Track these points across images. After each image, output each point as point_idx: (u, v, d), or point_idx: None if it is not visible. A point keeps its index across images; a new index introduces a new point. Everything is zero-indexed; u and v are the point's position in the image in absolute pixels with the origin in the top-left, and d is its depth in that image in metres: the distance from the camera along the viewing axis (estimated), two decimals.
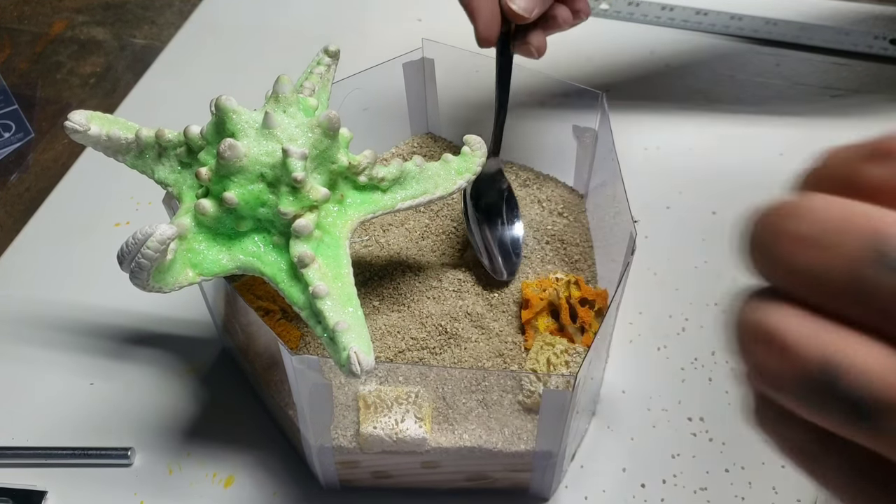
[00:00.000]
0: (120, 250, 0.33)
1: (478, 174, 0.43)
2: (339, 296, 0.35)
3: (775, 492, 0.46)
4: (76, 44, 0.77)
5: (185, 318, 0.54)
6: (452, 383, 0.41)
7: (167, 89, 0.71)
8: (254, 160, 0.36)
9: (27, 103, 0.71)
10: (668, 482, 0.46)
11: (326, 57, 0.45)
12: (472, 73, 0.53)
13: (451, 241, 0.50)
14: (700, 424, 0.48)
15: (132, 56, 0.76)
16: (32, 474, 0.47)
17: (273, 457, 0.48)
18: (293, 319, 0.46)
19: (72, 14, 0.81)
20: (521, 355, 0.44)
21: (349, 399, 0.42)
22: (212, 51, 0.75)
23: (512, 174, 0.54)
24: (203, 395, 0.51)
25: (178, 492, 0.46)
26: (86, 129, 0.40)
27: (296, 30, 0.76)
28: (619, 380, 0.50)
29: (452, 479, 0.45)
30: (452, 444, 0.41)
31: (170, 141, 0.40)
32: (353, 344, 0.34)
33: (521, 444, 0.42)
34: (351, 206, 0.39)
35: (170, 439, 0.49)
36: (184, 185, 0.39)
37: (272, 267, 0.37)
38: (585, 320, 0.44)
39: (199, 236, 0.37)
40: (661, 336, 0.52)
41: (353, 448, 0.42)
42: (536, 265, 0.49)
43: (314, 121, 0.37)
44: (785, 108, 0.66)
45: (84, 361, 0.52)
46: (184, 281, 0.36)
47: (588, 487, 0.46)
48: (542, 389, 0.39)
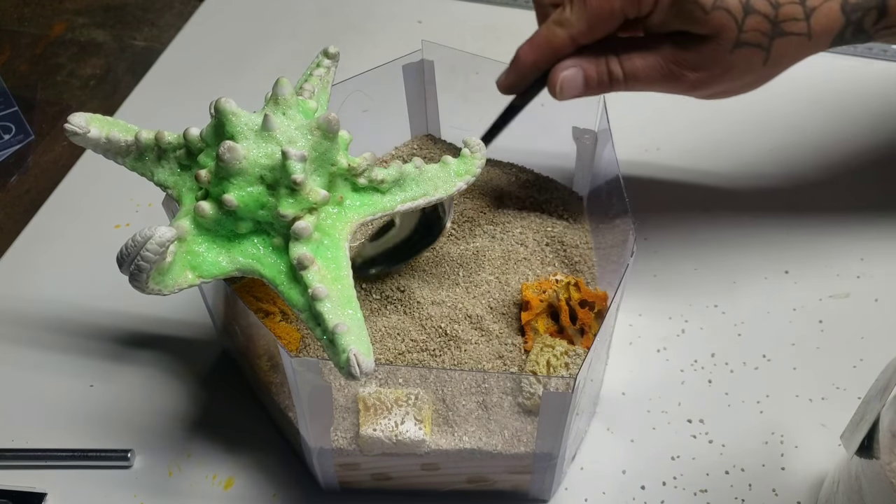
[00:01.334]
0: (119, 252, 0.33)
1: (478, 176, 0.43)
2: (339, 298, 0.35)
3: (775, 494, 0.45)
4: (76, 46, 0.77)
5: (185, 320, 0.54)
6: (452, 385, 0.41)
7: (167, 91, 0.72)
8: (253, 162, 0.36)
9: (27, 105, 0.71)
10: (668, 484, 0.46)
11: (326, 59, 0.45)
12: (472, 75, 0.53)
13: (451, 243, 0.50)
14: (700, 426, 0.48)
15: (132, 58, 0.76)
16: (32, 476, 0.47)
17: (273, 458, 0.48)
18: (293, 321, 0.46)
19: (72, 16, 0.81)
20: (521, 357, 0.44)
21: (349, 401, 0.42)
22: (212, 53, 0.75)
23: (512, 176, 0.54)
24: (203, 397, 0.51)
25: (177, 493, 0.46)
26: (85, 131, 0.40)
27: (295, 32, 0.76)
28: (618, 382, 0.50)
29: (452, 481, 0.45)
30: (452, 446, 0.41)
31: (169, 143, 0.40)
32: (352, 346, 0.34)
33: (521, 446, 0.41)
34: (350, 208, 0.39)
35: (170, 441, 0.49)
36: (183, 188, 0.39)
37: (271, 269, 0.37)
38: (585, 322, 0.44)
39: (199, 238, 0.37)
40: (660, 338, 0.52)
41: (352, 450, 0.42)
42: (536, 267, 0.49)
43: (313, 123, 0.37)
44: (785, 108, 0.66)
45: (84, 363, 0.52)
46: (183, 283, 0.36)
47: (588, 489, 0.46)
48: (542, 391, 0.39)
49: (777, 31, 0.43)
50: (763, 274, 0.55)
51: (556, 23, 0.44)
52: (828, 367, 0.51)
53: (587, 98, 0.46)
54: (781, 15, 0.42)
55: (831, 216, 0.59)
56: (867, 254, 0.56)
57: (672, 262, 0.56)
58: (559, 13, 0.44)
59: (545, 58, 0.44)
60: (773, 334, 0.52)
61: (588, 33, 0.44)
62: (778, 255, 0.56)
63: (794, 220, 0.59)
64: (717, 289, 0.55)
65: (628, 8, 0.42)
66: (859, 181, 0.61)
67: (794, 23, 0.42)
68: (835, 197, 0.60)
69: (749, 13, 0.42)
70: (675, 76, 0.44)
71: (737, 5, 0.42)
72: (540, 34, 0.45)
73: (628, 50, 0.44)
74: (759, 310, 0.53)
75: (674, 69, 0.44)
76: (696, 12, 0.42)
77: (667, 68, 0.44)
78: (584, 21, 0.43)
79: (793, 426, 0.48)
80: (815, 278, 0.55)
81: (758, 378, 0.50)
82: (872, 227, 0.58)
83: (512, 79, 0.46)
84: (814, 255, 0.56)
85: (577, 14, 0.43)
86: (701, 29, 0.42)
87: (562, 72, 0.44)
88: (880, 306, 0.53)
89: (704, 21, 0.42)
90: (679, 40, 0.43)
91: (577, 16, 0.43)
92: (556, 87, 0.44)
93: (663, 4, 0.42)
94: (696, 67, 0.44)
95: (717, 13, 0.42)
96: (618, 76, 0.44)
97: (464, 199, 0.52)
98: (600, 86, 0.45)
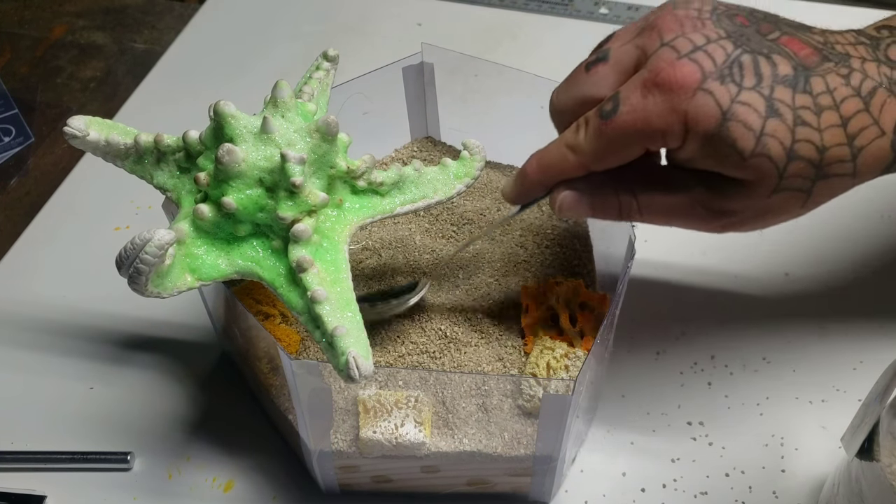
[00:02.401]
0: (118, 255, 0.33)
1: (477, 178, 0.43)
2: (338, 300, 0.35)
3: (776, 496, 0.45)
4: (76, 48, 0.77)
5: (185, 322, 0.54)
6: (452, 388, 0.41)
7: (167, 94, 0.72)
8: (252, 165, 0.36)
9: (27, 107, 0.71)
10: (668, 486, 0.46)
11: (325, 61, 0.45)
12: (472, 78, 0.53)
13: (451, 245, 0.50)
14: (700, 429, 0.48)
15: (132, 60, 0.76)
16: (32, 478, 0.47)
17: (272, 461, 0.48)
18: (293, 324, 0.46)
19: (72, 18, 0.81)
20: (521, 360, 0.44)
21: (349, 403, 0.42)
22: (211, 56, 0.75)
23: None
24: (202, 400, 0.51)
25: (177, 496, 0.46)
26: (84, 134, 0.40)
27: (295, 34, 0.77)
28: (618, 384, 0.50)
29: (452, 484, 0.45)
30: (452, 449, 0.41)
31: (168, 146, 0.40)
32: (351, 348, 0.34)
33: (521, 449, 0.41)
34: (349, 211, 0.39)
35: (169, 444, 0.49)
36: (182, 190, 0.39)
37: (271, 272, 0.37)
38: (585, 325, 0.44)
39: (198, 241, 0.37)
40: (660, 340, 0.52)
41: (352, 452, 0.42)
42: (536, 269, 0.49)
43: (313, 125, 0.37)
44: None
45: (83, 366, 0.52)
46: (182, 286, 0.36)
47: (588, 492, 0.46)
48: (542, 394, 0.39)
49: (820, 174, 0.37)
50: (763, 276, 0.55)
51: (569, 146, 0.38)
52: (828, 370, 0.51)
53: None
54: (827, 159, 0.37)
55: (831, 217, 0.59)
56: (867, 254, 0.56)
57: (672, 264, 0.56)
58: (572, 134, 0.38)
59: (552, 180, 0.39)
60: (773, 336, 0.52)
61: (602, 163, 0.38)
62: (778, 256, 0.56)
63: (795, 221, 0.58)
64: (716, 291, 0.55)
65: (650, 143, 0.36)
66: (859, 186, 0.61)
67: (840, 164, 0.37)
68: (835, 199, 0.60)
69: (792, 160, 0.36)
70: (701, 218, 0.39)
71: (780, 152, 0.36)
72: (550, 153, 0.39)
73: (649, 183, 0.39)
74: (758, 311, 0.53)
75: (701, 212, 0.38)
76: (733, 157, 0.35)
77: (693, 210, 0.39)
78: (600, 150, 0.37)
79: (793, 428, 0.48)
80: (815, 280, 0.55)
81: (758, 380, 0.50)
82: (873, 227, 0.58)
83: (517, 193, 0.41)
84: (814, 257, 0.56)
85: (591, 142, 0.37)
86: (736, 174, 0.36)
87: (562, 192, 0.39)
88: (880, 307, 0.53)
89: (742, 167, 0.36)
90: (708, 181, 0.38)
91: (590, 144, 0.37)
92: (556, 205, 0.39)
93: (694, 143, 0.36)
94: (728, 213, 0.38)
95: (758, 160, 0.35)
96: (631, 213, 0.39)
97: (463, 202, 0.52)
98: (607, 217, 0.40)
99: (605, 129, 0.36)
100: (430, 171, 0.42)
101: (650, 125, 0.36)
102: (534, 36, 0.74)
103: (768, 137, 0.35)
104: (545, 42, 0.74)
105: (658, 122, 0.35)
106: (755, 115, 0.35)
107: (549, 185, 0.40)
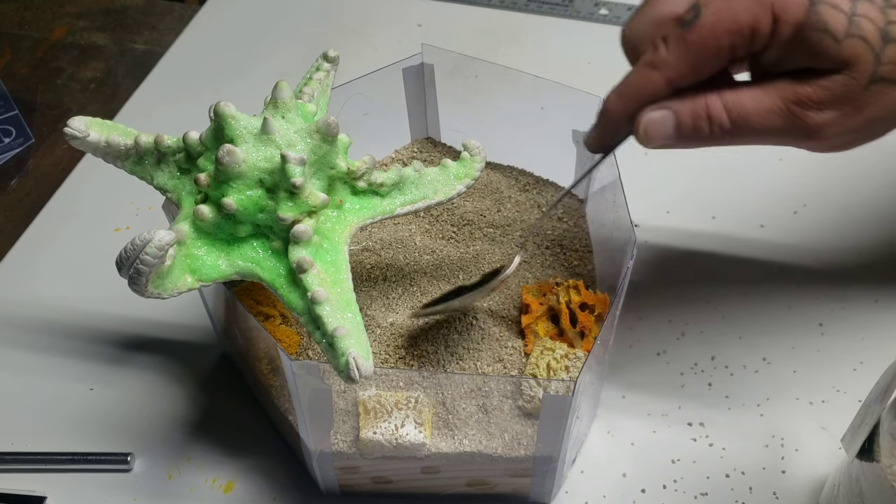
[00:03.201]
0: (119, 256, 0.33)
1: (477, 179, 0.43)
2: (338, 301, 0.35)
3: (776, 497, 0.45)
4: (77, 49, 0.77)
5: (185, 323, 0.54)
6: (452, 388, 0.41)
7: (167, 95, 0.72)
8: (252, 166, 0.36)
9: (27, 108, 0.71)
10: (668, 487, 0.46)
11: (326, 62, 0.45)
12: (472, 78, 0.53)
13: (451, 246, 0.50)
14: (700, 430, 0.48)
15: (132, 61, 0.76)
16: (32, 479, 0.47)
17: (273, 462, 0.48)
18: (293, 325, 0.46)
19: (72, 19, 0.81)
20: (521, 360, 0.44)
21: (349, 404, 0.42)
22: (211, 57, 0.75)
23: (512, 179, 0.54)
24: (203, 401, 0.51)
25: (177, 497, 0.46)
26: (85, 135, 0.40)
27: (295, 35, 0.77)
28: (619, 385, 0.50)
29: (452, 485, 0.45)
30: (452, 450, 0.41)
31: (169, 147, 0.40)
32: (351, 349, 0.34)
33: (521, 450, 0.41)
34: (350, 212, 0.39)
35: (169, 444, 0.49)
36: (183, 191, 0.39)
37: (271, 272, 0.37)
38: (585, 325, 0.44)
39: (198, 242, 0.37)
40: (660, 341, 0.52)
41: (353, 453, 0.42)
42: (536, 270, 0.49)
43: (313, 126, 0.37)
44: None
45: (84, 366, 0.52)
46: (182, 287, 0.36)
47: (588, 493, 0.46)
48: (543, 394, 0.39)
49: None
50: (763, 276, 0.55)
51: (649, 64, 0.36)
52: (828, 370, 0.51)
53: (587, 99, 0.46)
54: None
55: (832, 217, 0.59)
56: (867, 254, 0.56)
57: (672, 265, 0.56)
58: (652, 53, 0.36)
59: (638, 107, 0.37)
60: (773, 337, 0.52)
61: (689, 75, 0.36)
62: (778, 256, 0.56)
63: (795, 222, 0.59)
64: (716, 292, 0.55)
65: (738, 43, 0.35)
66: (858, 187, 0.61)
67: None
68: (835, 200, 0.60)
69: (889, 42, 0.34)
70: (796, 119, 0.36)
71: (874, 32, 0.34)
72: (629, 80, 0.37)
73: (734, 90, 0.36)
74: (758, 313, 0.53)
75: (795, 110, 0.35)
76: (826, 41, 0.34)
77: (786, 110, 0.35)
78: (684, 61, 0.35)
79: (793, 429, 0.48)
80: (815, 280, 0.55)
81: (758, 381, 0.50)
82: (873, 228, 0.58)
83: (602, 135, 0.39)
84: (813, 258, 0.56)
85: (675, 53, 0.35)
86: (830, 62, 0.34)
87: (648, 113, 0.36)
88: (880, 307, 0.53)
89: (836, 52, 0.34)
90: (798, 76, 0.35)
91: (675, 55, 0.35)
92: (640, 130, 0.37)
93: (782, 37, 0.34)
94: (823, 106, 0.35)
95: (851, 41, 0.34)
96: (721, 121, 0.36)
97: (464, 203, 0.52)
98: (696, 133, 0.36)
99: (690, 35, 0.35)
100: (430, 172, 0.42)
101: (737, 22, 0.34)
102: (534, 37, 0.74)
103: (860, 18, 0.34)
104: (545, 43, 0.74)
105: (745, 16, 0.34)
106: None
107: (632, 112, 0.37)
